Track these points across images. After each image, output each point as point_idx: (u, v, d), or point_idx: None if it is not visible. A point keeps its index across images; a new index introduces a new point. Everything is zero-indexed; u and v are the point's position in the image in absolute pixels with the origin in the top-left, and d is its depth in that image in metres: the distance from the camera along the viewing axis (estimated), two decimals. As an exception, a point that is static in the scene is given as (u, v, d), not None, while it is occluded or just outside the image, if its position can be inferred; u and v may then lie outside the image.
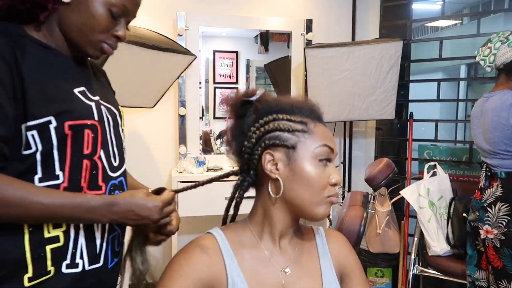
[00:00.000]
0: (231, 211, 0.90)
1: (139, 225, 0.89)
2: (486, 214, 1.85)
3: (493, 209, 1.81)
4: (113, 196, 0.87)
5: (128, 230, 0.99)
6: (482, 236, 1.88)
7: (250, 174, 0.82)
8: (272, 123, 0.79)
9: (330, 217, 2.35)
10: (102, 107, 0.93)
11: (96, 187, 0.88)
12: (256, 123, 0.80)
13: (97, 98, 0.93)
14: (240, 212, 0.88)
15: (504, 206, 1.79)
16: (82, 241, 0.85)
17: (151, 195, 0.87)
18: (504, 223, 1.78)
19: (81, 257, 0.85)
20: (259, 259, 0.81)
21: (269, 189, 0.80)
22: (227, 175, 0.88)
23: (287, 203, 0.80)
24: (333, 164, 0.81)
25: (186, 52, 2.54)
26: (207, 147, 3.03)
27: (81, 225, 0.85)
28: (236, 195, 0.85)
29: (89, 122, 0.87)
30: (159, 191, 0.89)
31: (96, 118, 0.89)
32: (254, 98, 0.82)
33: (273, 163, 0.79)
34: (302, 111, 0.81)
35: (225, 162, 2.84)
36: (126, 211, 0.83)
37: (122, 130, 1.01)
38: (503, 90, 1.82)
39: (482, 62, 1.86)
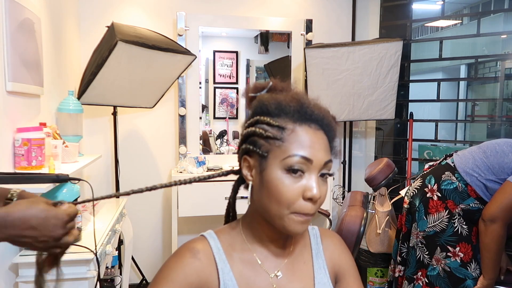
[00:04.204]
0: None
1: (35, 246, 0.71)
2: None
3: None
4: (4, 208, 0.69)
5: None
6: None
7: (241, 175, 0.80)
8: (253, 126, 0.74)
9: (330, 217, 2.35)
10: None
11: None
12: (246, 123, 0.77)
13: None
14: (242, 212, 0.87)
15: None
16: None
17: (52, 206, 0.73)
18: None
19: None
20: (250, 263, 0.79)
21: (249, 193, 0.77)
22: (216, 175, 0.84)
23: (261, 211, 0.76)
24: (313, 176, 0.71)
25: (186, 52, 2.54)
26: (206, 147, 3.03)
27: None
28: (230, 196, 0.84)
29: None
30: (56, 204, 0.76)
31: None
32: (259, 93, 0.78)
33: (249, 169, 0.76)
34: (286, 112, 0.72)
35: (225, 162, 2.84)
36: (22, 225, 0.68)
37: None
38: None
39: None
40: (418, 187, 1.85)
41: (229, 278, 0.77)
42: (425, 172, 1.91)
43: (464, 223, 1.72)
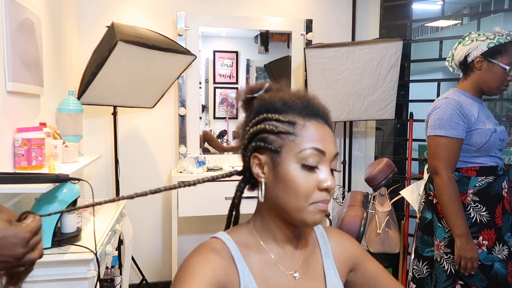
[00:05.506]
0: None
1: None
2: None
3: None
4: None
5: None
6: None
7: (246, 175, 0.80)
8: (261, 124, 0.74)
9: (330, 217, 2.35)
10: None
11: None
12: (250, 123, 0.77)
13: None
14: (244, 211, 0.87)
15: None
16: None
17: (12, 222, 0.67)
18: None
19: None
20: (268, 263, 0.79)
21: (258, 192, 0.77)
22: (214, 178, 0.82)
23: (277, 208, 0.76)
24: (326, 167, 0.73)
25: (186, 52, 2.54)
26: (209, 146, 3.04)
27: None
28: (234, 196, 0.83)
29: None
30: (20, 217, 0.70)
31: None
32: (257, 94, 0.78)
33: (260, 166, 0.76)
34: (294, 108, 0.74)
35: (225, 162, 2.84)
36: None
37: None
38: (450, 89, 1.83)
39: (446, 63, 1.88)
40: (424, 199, 1.82)
41: (249, 280, 0.75)
42: (424, 181, 1.89)
43: (482, 209, 1.65)
